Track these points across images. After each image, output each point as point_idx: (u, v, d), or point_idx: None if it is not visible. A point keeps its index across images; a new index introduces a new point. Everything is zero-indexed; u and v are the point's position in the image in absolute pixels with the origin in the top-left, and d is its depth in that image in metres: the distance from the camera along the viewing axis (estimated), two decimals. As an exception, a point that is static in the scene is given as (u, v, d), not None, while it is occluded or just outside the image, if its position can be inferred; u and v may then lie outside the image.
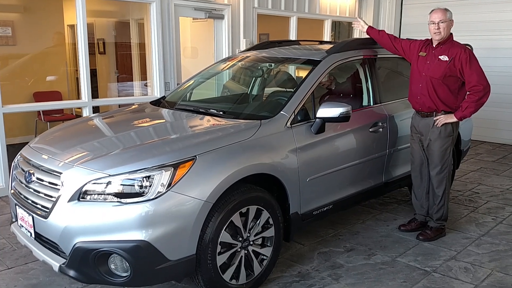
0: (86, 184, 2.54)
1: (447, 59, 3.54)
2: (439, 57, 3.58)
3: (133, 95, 7.39)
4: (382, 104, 3.96)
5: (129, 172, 2.55)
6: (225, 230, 2.73)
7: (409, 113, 4.18)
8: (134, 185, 2.53)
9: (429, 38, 3.72)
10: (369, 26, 4.09)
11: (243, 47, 6.54)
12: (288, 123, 3.17)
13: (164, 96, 4.28)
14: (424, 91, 3.66)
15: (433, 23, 3.58)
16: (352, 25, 4.00)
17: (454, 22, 3.65)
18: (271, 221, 3.01)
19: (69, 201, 2.54)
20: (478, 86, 3.47)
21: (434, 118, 3.66)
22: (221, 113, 3.46)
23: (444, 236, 3.92)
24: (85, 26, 5.07)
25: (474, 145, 7.46)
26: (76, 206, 2.53)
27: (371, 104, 3.92)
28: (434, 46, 3.65)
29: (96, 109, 5.57)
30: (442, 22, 3.54)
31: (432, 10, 3.63)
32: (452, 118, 3.60)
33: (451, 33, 3.63)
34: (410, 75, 3.82)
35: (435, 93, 3.61)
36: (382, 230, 4.07)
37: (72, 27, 7.40)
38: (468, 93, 3.56)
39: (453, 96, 3.62)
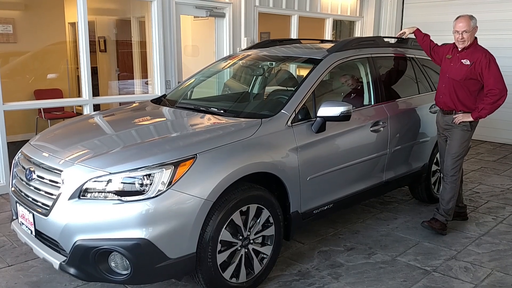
0: (86, 182, 2.54)
1: (469, 63, 3.70)
2: (462, 60, 3.75)
3: (133, 93, 7.38)
4: (383, 103, 3.95)
5: (130, 170, 2.55)
6: (225, 228, 2.73)
7: (410, 113, 4.19)
8: (134, 183, 2.53)
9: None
10: (417, 29, 4.22)
11: (244, 45, 6.54)
12: (289, 122, 3.17)
13: (165, 94, 4.29)
14: (445, 91, 3.86)
15: (457, 33, 3.71)
16: (399, 35, 4.29)
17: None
18: (271, 220, 3.01)
19: (70, 199, 2.54)
20: (494, 90, 3.65)
21: (453, 116, 3.84)
22: (221, 111, 3.45)
23: (444, 236, 3.93)
24: (86, 24, 5.07)
25: (474, 145, 7.45)
26: (76, 204, 2.53)
27: (372, 103, 3.91)
28: (459, 50, 3.78)
29: (96, 107, 5.56)
30: (466, 32, 3.67)
31: (457, 18, 3.73)
32: (468, 117, 3.78)
33: (476, 37, 3.75)
34: (439, 75, 4.01)
35: (455, 94, 3.80)
36: (382, 229, 4.07)
37: (73, 24, 7.39)
38: (485, 95, 3.70)
39: (473, 97, 3.79)
